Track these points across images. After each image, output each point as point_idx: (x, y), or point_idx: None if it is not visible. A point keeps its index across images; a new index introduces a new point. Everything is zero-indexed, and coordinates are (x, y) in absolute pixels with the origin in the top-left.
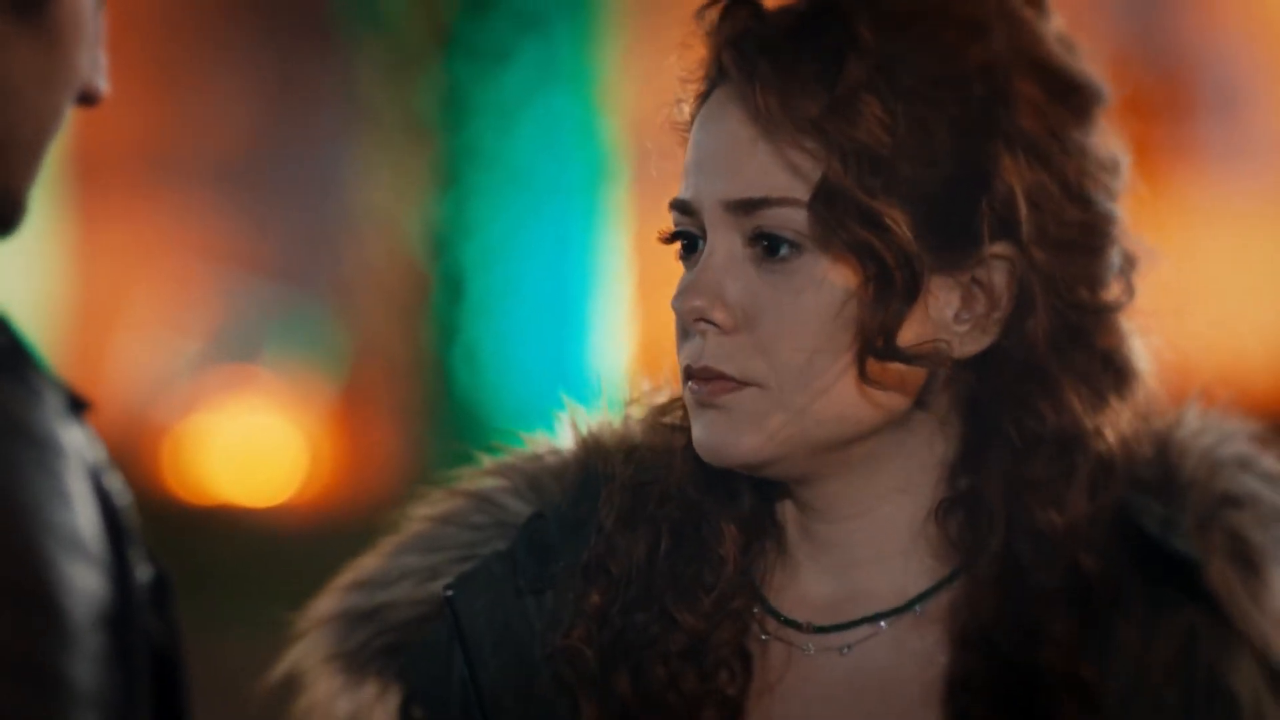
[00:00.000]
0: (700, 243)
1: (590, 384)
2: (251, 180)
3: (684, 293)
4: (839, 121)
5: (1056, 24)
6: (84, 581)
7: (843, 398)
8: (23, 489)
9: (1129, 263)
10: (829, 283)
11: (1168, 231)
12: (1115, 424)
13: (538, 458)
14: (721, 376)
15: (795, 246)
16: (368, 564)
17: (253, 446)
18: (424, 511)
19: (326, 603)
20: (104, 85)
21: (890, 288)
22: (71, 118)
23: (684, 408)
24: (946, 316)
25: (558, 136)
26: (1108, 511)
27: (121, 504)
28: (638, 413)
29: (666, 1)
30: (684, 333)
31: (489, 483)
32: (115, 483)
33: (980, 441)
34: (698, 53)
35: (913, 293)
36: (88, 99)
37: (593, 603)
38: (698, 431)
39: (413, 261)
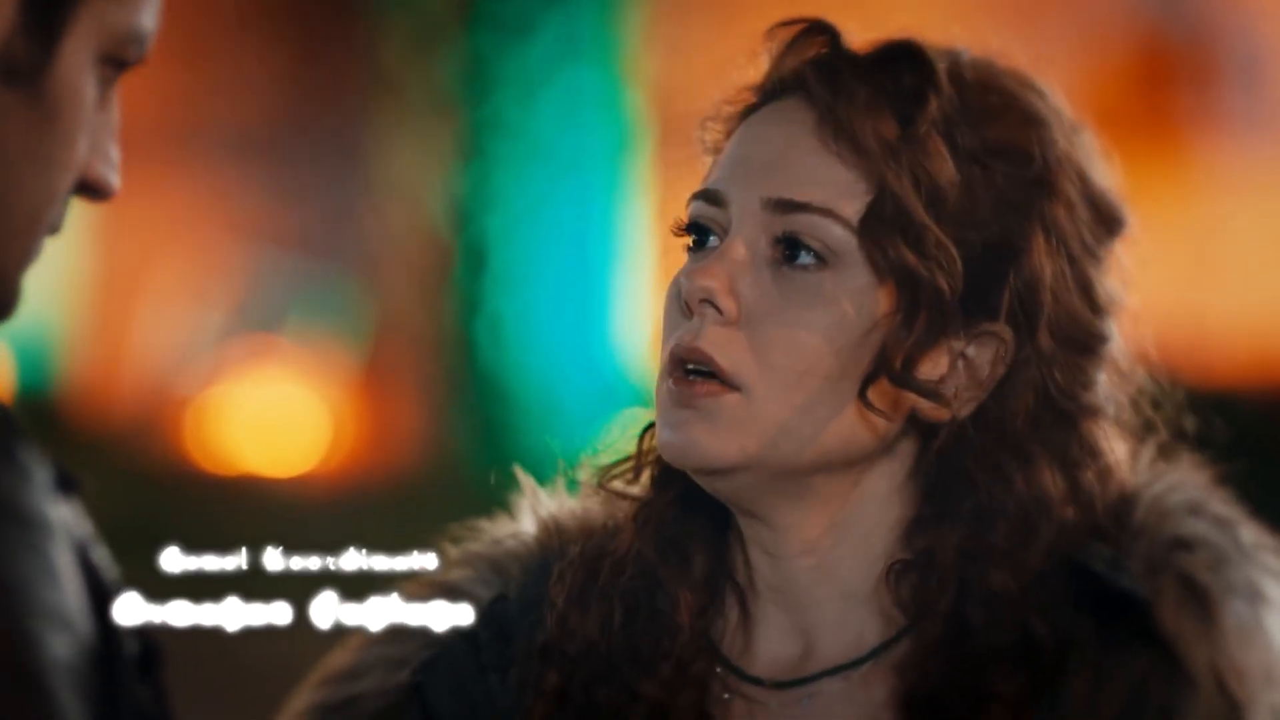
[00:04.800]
0: (712, 237)
1: (612, 363)
2: (274, 152)
3: (695, 272)
4: (915, 148)
5: (1098, 144)
6: (71, 659)
7: (819, 419)
8: (11, 569)
9: (1121, 378)
10: (847, 302)
11: (1192, 199)
12: (1082, 496)
13: (499, 542)
14: (710, 365)
15: (820, 259)
16: (338, 658)
17: (275, 417)
18: None
19: (301, 698)
20: (115, 180)
21: (918, 319)
22: None
23: (632, 465)
24: (932, 378)
25: (581, 109)
26: (1062, 567)
27: (108, 577)
28: (593, 490)
29: None
30: (677, 317)
31: (455, 573)
32: (102, 557)
33: (939, 506)
34: (749, 72)
35: (938, 330)
36: (95, 192)
37: (552, 683)
38: (666, 432)
39: (435, 233)
